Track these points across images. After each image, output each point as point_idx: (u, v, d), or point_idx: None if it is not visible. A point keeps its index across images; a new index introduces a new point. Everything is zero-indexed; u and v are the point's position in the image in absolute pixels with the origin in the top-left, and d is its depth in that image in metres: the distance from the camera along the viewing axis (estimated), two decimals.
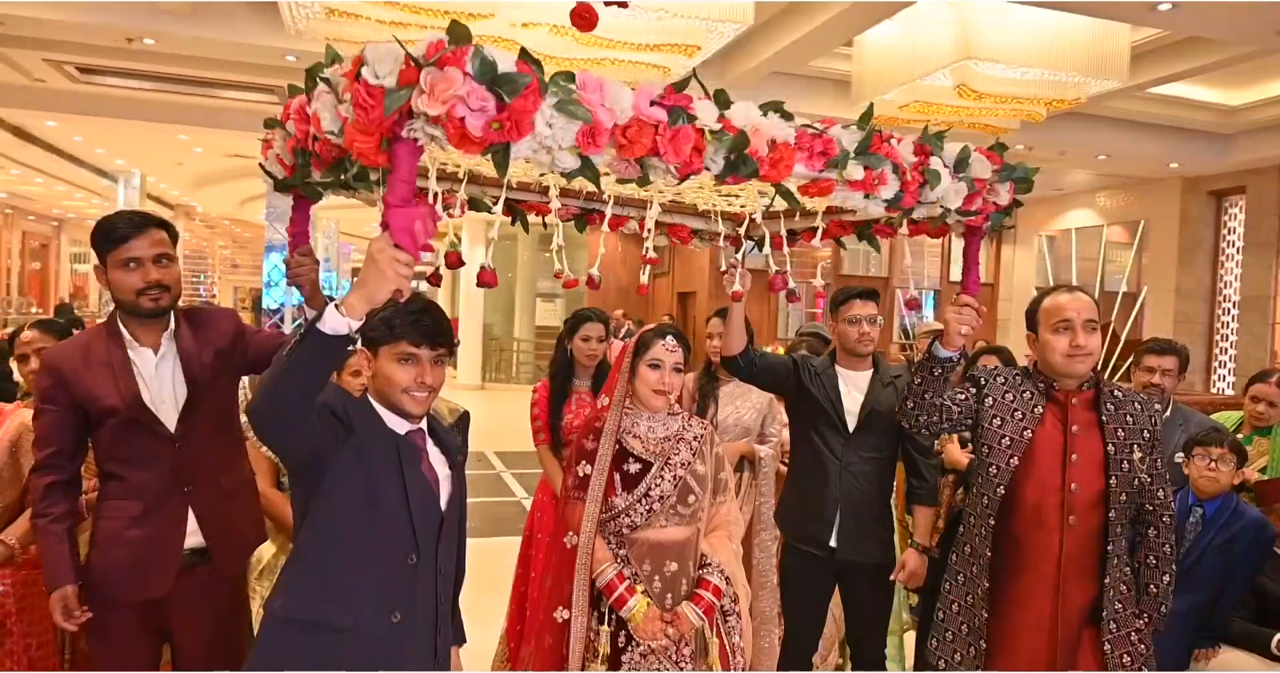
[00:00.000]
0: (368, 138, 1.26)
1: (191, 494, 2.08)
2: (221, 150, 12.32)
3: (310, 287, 2.07)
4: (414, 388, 1.65)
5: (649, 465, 2.21)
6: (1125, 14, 5.26)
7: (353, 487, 1.57)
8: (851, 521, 2.66)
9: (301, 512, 1.61)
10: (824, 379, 2.76)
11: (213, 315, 2.27)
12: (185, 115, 9.59)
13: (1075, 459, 2.05)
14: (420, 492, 1.64)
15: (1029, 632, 2.05)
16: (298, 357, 1.32)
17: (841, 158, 1.61)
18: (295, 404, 1.40)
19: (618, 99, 1.36)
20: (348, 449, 1.57)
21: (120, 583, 2.00)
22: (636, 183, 1.47)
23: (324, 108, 1.38)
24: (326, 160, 1.52)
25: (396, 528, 1.60)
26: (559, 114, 1.31)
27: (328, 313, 1.31)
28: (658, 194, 2.42)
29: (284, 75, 7.83)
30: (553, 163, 1.36)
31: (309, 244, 2.08)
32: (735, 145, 1.47)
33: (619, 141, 1.39)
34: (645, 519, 2.17)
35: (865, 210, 1.70)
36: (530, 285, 18.47)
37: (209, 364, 2.15)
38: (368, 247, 1.29)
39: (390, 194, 1.28)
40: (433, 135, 1.26)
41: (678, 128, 1.41)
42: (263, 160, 1.94)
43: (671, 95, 1.44)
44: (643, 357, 2.23)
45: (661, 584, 2.17)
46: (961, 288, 2.00)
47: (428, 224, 1.29)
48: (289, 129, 1.66)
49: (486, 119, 1.27)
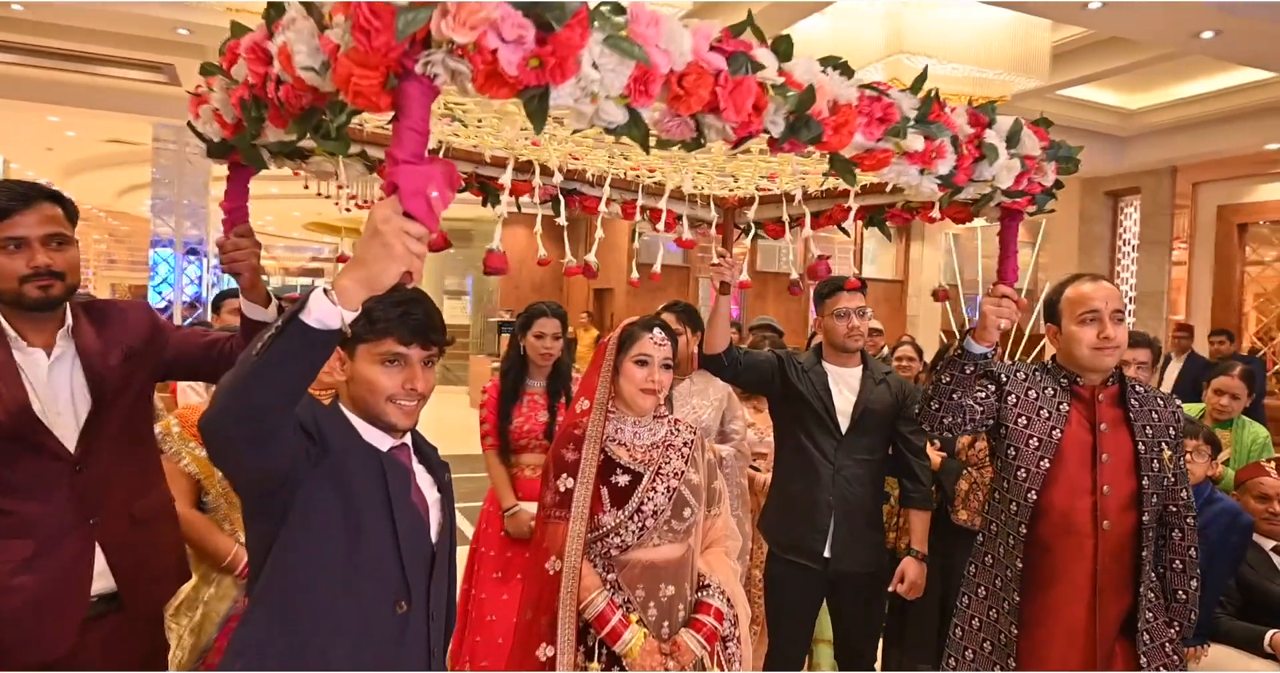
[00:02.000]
0: (369, 73, 0.97)
1: (97, 527, 1.70)
2: (99, 134, 11.24)
3: (250, 274, 1.73)
4: (401, 396, 1.35)
5: (639, 477, 1.96)
6: (1057, 12, 5.31)
7: (329, 520, 1.26)
8: (846, 528, 2.48)
9: (263, 551, 1.28)
10: (812, 377, 2.57)
11: (120, 309, 1.90)
12: (58, 94, 8.63)
13: (1106, 459, 1.92)
14: (410, 524, 1.34)
15: (1060, 648, 1.90)
16: (273, 355, 1.01)
17: (901, 125, 1.40)
18: (266, 416, 1.08)
19: (675, 39, 1.11)
20: (321, 473, 1.26)
21: (10, 642, 1.61)
22: (683, 147, 1.22)
23: (299, 38, 1.07)
24: (294, 111, 1.20)
25: (383, 570, 1.30)
26: (611, 52, 1.05)
27: (314, 300, 1.01)
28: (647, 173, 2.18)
29: (174, 51, 7.15)
30: (595, 115, 1.09)
31: (248, 223, 1.74)
32: (801, 104, 1.24)
33: (674, 92, 1.13)
34: (637, 538, 1.92)
35: (917, 189, 1.50)
36: (438, 282, 17.86)
37: (117, 367, 1.77)
38: (369, 216, 1.00)
39: (398, 147, 0.99)
40: (456, 71, 0.98)
41: (740, 78, 1.17)
42: (193, 120, 1.59)
43: (729, 39, 1.20)
44: (628, 352, 1.98)
45: (657, 611, 1.93)
46: (999, 276, 1.83)
47: (444, 187, 1.01)
48: (236, 75, 1.33)
49: (524, 53, 0.99)
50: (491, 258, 1.32)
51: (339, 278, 1.02)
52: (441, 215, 1.04)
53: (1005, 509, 1.97)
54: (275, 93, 1.20)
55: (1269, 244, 9.01)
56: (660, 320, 2.04)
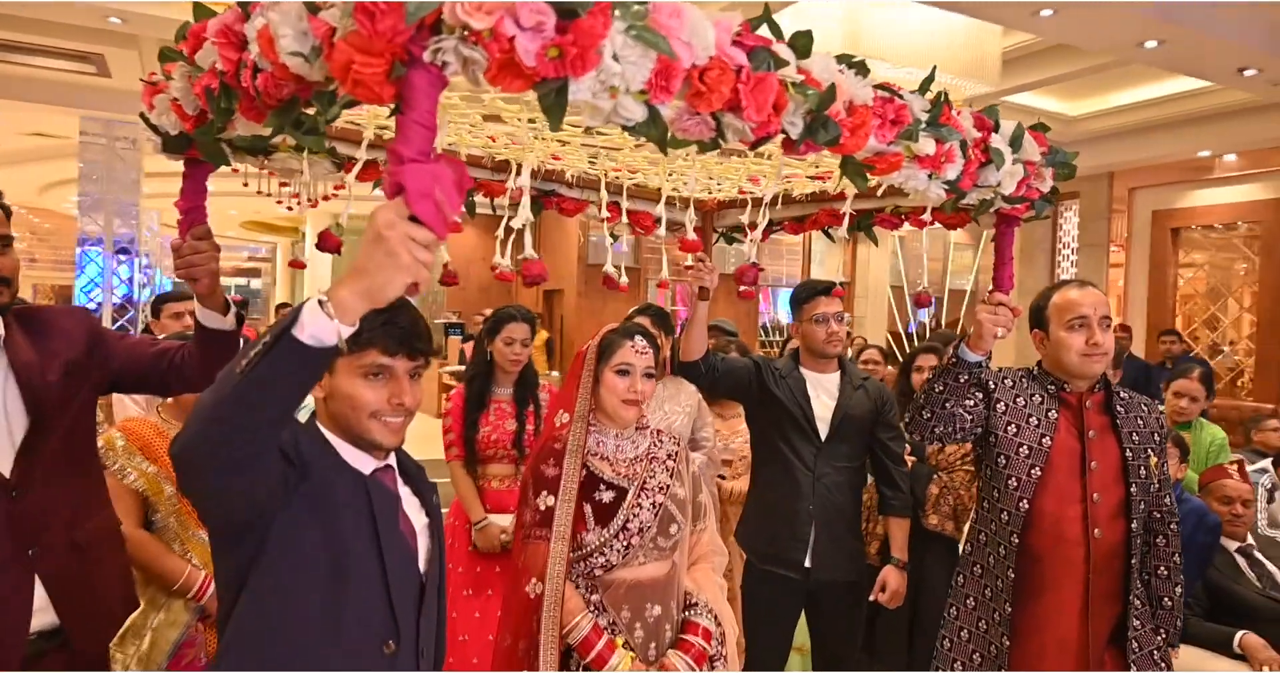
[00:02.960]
0: (372, 60, 0.87)
1: (36, 558, 1.55)
2: (20, 127, 10.65)
3: (210, 279, 1.59)
4: (387, 411, 1.24)
5: (623, 492, 1.88)
6: (1011, 18, 5.39)
7: (309, 554, 1.15)
8: (827, 537, 2.44)
9: (234, 588, 1.16)
10: (790, 383, 2.52)
11: (56, 316, 1.73)
12: None
13: (1095, 467, 1.90)
14: (399, 554, 1.23)
15: (1051, 659, 1.88)
16: (261, 374, 0.90)
17: (913, 128, 1.35)
18: (251, 440, 0.97)
19: (699, 32, 1.03)
20: (300, 501, 1.15)
21: None
22: (699, 148, 1.14)
23: (284, 21, 0.96)
24: (271, 101, 1.09)
25: (370, 609, 1.19)
26: (635, 43, 0.97)
27: (308, 314, 0.90)
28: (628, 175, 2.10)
29: (105, 40, 6.80)
30: (613, 112, 1.01)
31: (206, 224, 1.60)
32: (821, 104, 1.17)
33: (695, 88, 1.05)
34: (622, 557, 1.84)
35: (924, 194, 1.44)
36: None
37: (56, 383, 1.62)
38: (370, 220, 0.89)
39: (403, 144, 0.89)
40: (470, 59, 0.88)
41: (762, 75, 1.10)
42: (146, 111, 1.45)
43: (748, 33, 1.13)
44: (608, 362, 1.90)
45: (644, 632, 1.85)
46: (994, 285, 1.80)
47: (453, 190, 0.91)
48: (201, 61, 1.21)
49: (543, 42, 0.90)
50: (531, 266, 1.22)
51: (336, 289, 0.91)
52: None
53: (995, 519, 1.94)
54: (251, 81, 1.09)
55: (1200, 248, 9.35)
56: (641, 328, 1.96)
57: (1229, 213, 8.83)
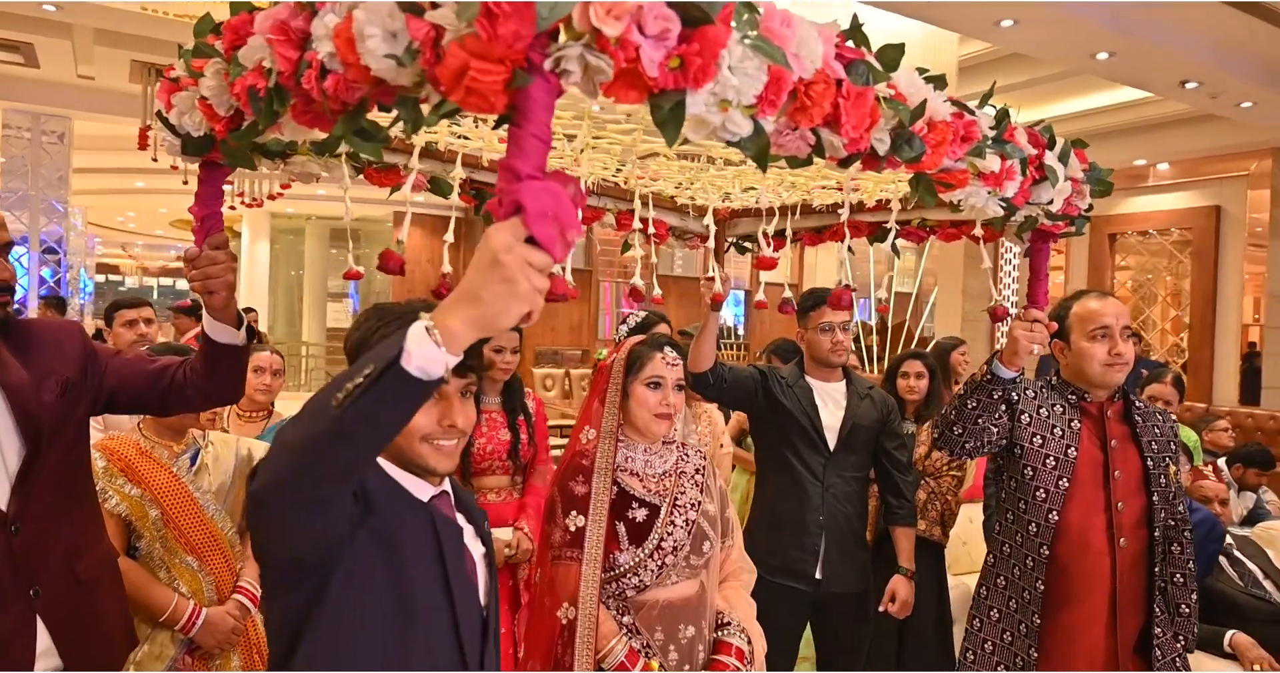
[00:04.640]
0: (492, 67, 0.79)
1: (39, 598, 1.42)
2: None
3: (227, 292, 1.48)
4: (439, 434, 1.16)
5: (656, 510, 1.83)
6: (971, 27, 5.50)
7: (377, 591, 1.06)
8: (836, 548, 2.42)
9: (288, 632, 1.06)
10: (797, 392, 2.50)
11: (45, 329, 1.60)
12: None
13: (1118, 476, 1.92)
14: (465, 588, 1.15)
15: (1080, 669, 1.89)
16: (365, 408, 0.82)
17: (981, 144, 1.33)
18: (343, 478, 0.89)
19: (808, 42, 0.98)
20: (366, 535, 1.06)
21: None
22: (790, 164, 1.10)
23: (371, 20, 0.88)
24: (336, 105, 1.00)
25: (439, 645, 1.11)
26: (752, 55, 0.91)
27: (415, 343, 0.81)
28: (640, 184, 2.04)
29: (36, 28, 6.42)
30: (721, 127, 0.95)
31: (223, 233, 1.48)
32: (911, 119, 1.14)
33: (800, 102, 1.00)
34: (655, 577, 1.79)
35: (982, 211, 1.42)
36: (320, 283, 16.97)
37: (53, 404, 1.49)
38: (483, 243, 0.81)
39: (520, 159, 0.81)
40: (596, 67, 0.82)
41: (862, 89, 1.06)
42: (161, 109, 1.34)
43: (843, 45, 1.08)
44: (638, 375, 1.85)
45: (678, 654, 1.80)
46: (1029, 300, 1.79)
47: (572, 211, 0.84)
48: (245, 59, 1.10)
49: (666, 51, 0.84)
50: (558, 284, 1.15)
51: (444, 316, 0.83)
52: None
53: (1023, 530, 1.95)
54: (316, 83, 1.00)
55: (1135, 252, 9.71)
56: (670, 339, 1.91)
57: (1163, 219, 9.19)
